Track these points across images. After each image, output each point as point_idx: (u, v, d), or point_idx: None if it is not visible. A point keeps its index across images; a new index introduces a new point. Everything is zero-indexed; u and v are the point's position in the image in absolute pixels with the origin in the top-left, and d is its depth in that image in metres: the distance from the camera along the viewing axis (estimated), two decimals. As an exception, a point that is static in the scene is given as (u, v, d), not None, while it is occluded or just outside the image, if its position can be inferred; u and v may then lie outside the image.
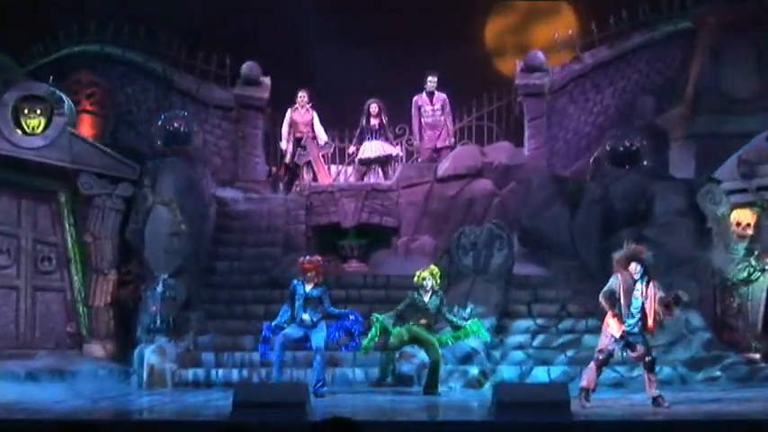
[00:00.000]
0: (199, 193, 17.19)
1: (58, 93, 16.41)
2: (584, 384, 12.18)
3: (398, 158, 19.58)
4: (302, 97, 19.28)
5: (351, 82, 19.29)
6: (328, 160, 19.82)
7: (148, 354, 14.83)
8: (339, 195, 18.60)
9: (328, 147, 19.57)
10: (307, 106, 19.32)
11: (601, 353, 12.23)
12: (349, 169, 19.78)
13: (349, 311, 13.94)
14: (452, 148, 19.39)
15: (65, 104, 16.31)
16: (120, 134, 18.87)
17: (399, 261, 17.44)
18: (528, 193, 17.95)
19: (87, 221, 16.34)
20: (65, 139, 16.14)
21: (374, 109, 19.15)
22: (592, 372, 12.23)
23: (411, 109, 19.41)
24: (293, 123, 19.31)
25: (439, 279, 14.03)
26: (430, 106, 19.35)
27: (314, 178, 19.15)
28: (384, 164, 19.26)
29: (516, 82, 19.84)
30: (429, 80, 19.30)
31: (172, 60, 19.90)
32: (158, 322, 15.15)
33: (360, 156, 19.25)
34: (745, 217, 16.23)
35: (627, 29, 19.82)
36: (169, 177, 16.44)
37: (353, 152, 19.46)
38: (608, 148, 17.79)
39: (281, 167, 19.83)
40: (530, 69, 19.68)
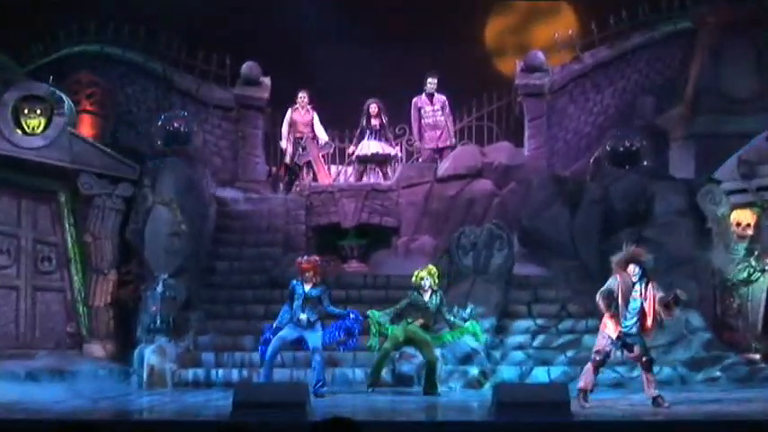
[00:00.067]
0: (199, 193, 17.19)
1: (58, 93, 16.41)
2: (581, 385, 12.19)
3: (397, 159, 19.56)
4: (302, 98, 19.27)
5: (351, 82, 19.28)
6: (328, 160, 19.82)
7: (148, 354, 14.83)
8: (339, 195, 18.59)
9: (328, 147, 19.56)
10: (307, 107, 19.31)
11: (598, 354, 12.24)
12: (349, 169, 19.76)
13: (349, 311, 13.93)
14: (453, 148, 19.40)
15: (65, 104, 16.31)
16: (120, 134, 18.87)
17: (399, 261, 17.43)
18: (528, 194, 17.95)
19: (87, 221, 16.34)
20: (65, 139, 16.14)
21: (374, 109, 19.14)
22: (589, 373, 12.24)
23: (411, 110, 19.41)
24: (293, 123, 19.31)
25: (437, 278, 14.03)
26: (430, 106, 19.34)
27: (314, 178, 19.15)
28: (382, 164, 19.26)
29: (516, 82, 19.83)
30: (429, 82, 19.29)
31: (172, 60, 19.90)
32: (158, 322, 15.15)
33: (357, 153, 19.24)
34: (745, 217, 16.23)
35: (627, 29, 19.82)
36: (169, 177, 16.44)
37: (353, 152, 19.46)
38: (608, 149, 17.79)
39: (281, 167, 19.83)
40: (530, 69, 19.68)
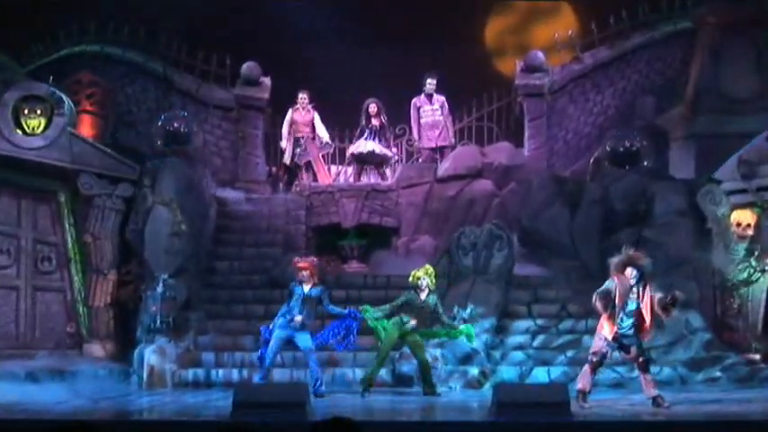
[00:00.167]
0: (199, 194, 17.19)
1: (58, 93, 16.41)
2: (579, 387, 12.21)
3: (393, 161, 19.50)
4: (303, 98, 19.27)
5: (351, 82, 19.28)
6: (328, 160, 19.82)
7: (148, 354, 14.83)
8: (339, 196, 18.60)
9: (328, 147, 19.55)
10: (308, 107, 19.31)
11: (594, 355, 12.27)
12: (349, 169, 19.75)
13: (349, 310, 13.95)
14: (453, 148, 19.40)
15: (65, 105, 16.30)
16: (120, 134, 18.86)
17: (399, 261, 17.42)
18: (528, 194, 17.94)
19: (87, 222, 16.34)
20: (65, 140, 16.14)
21: (373, 109, 19.12)
22: (587, 374, 12.27)
23: (410, 110, 19.40)
24: (294, 123, 19.31)
25: (434, 278, 14.00)
26: (429, 106, 19.34)
27: (314, 178, 19.14)
28: (379, 165, 19.23)
29: (516, 82, 19.83)
30: (428, 82, 19.29)
31: (172, 60, 19.90)
32: (158, 322, 15.15)
33: (353, 151, 19.23)
34: (745, 217, 16.23)
35: (627, 29, 19.82)
36: (169, 177, 16.43)
37: (350, 150, 19.43)
38: (608, 149, 17.79)
39: (281, 168, 19.83)
40: (530, 69, 19.67)
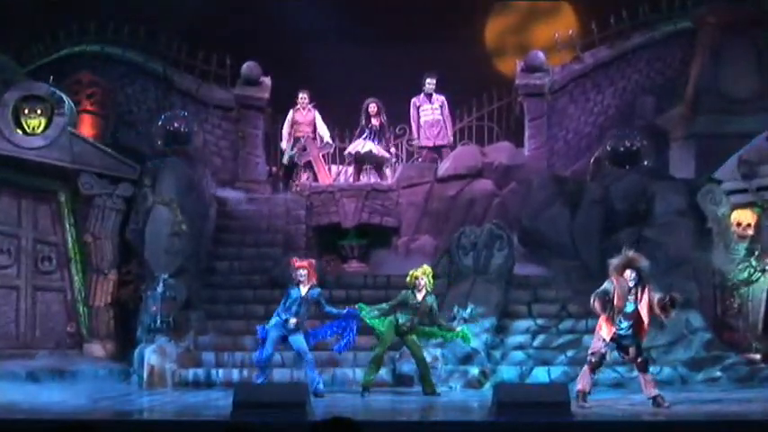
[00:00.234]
0: (199, 194, 17.19)
1: (59, 93, 16.41)
2: (579, 388, 12.22)
3: (391, 162, 19.48)
4: (303, 98, 19.27)
5: (351, 82, 19.27)
6: (328, 160, 19.81)
7: (149, 354, 14.82)
8: (339, 195, 18.58)
9: (328, 147, 19.54)
10: (308, 106, 19.30)
11: (593, 356, 12.29)
12: (349, 169, 19.74)
13: (347, 310, 13.97)
14: (452, 147, 19.40)
15: (65, 104, 16.30)
16: (120, 134, 18.86)
17: (399, 261, 17.41)
18: (528, 194, 17.93)
19: (87, 221, 16.35)
20: (65, 140, 16.15)
21: (373, 108, 19.10)
22: (586, 375, 12.29)
23: (410, 109, 19.40)
24: (295, 123, 19.30)
25: (431, 279, 14.00)
26: (429, 105, 19.34)
27: (314, 178, 19.13)
28: (378, 166, 19.21)
29: (516, 82, 19.82)
30: (427, 82, 19.28)
31: (172, 60, 19.89)
32: (158, 322, 15.14)
33: (350, 150, 19.21)
34: (745, 217, 16.23)
35: (627, 29, 19.81)
36: (169, 177, 16.43)
37: (348, 149, 19.41)
38: (608, 149, 17.78)
39: (280, 167, 19.83)
40: (530, 69, 19.67)
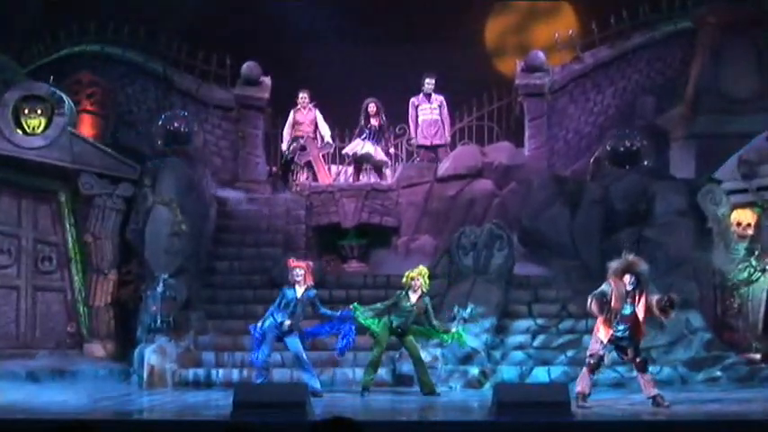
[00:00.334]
0: (199, 194, 17.18)
1: (59, 93, 16.41)
2: (578, 389, 12.22)
3: (388, 165, 19.47)
4: (303, 98, 19.26)
5: (351, 82, 19.27)
6: (328, 160, 19.81)
7: (149, 354, 14.82)
8: (339, 195, 18.58)
9: (328, 147, 19.54)
10: (309, 106, 19.29)
11: (591, 357, 12.31)
12: (349, 169, 19.75)
13: (340, 312, 14.03)
14: (450, 147, 19.40)
15: (65, 104, 16.31)
16: (120, 134, 18.86)
17: (399, 261, 17.40)
18: (528, 194, 17.93)
19: (88, 221, 16.35)
20: (65, 139, 16.15)
21: (372, 108, 19.08)
22: (585, 376, 12.30)
23: (409, 109, 19.40)
24: (296, 123, 19.29)
25: (427, 280, 14.01)
26: (428, 104, 19.32)
27: (314, 178, 19.13)
28: (378, 168, 19.20)
29: (517, 82, 19.81)
30: (426, 82, 19.25)
31: (172, 60, 19.88)
32: (158, 322, 15.14)
33: (347, 150, 19.21)
34: (745, 217, 16.23)
35: (627, 29, 19.80)
36: (169, 177, 16.43)
37: (346, 149, 19.41)
38: (608, 148, 17.77)
39: (280, 167, 19.83)
40: (530, 69, 19.66)
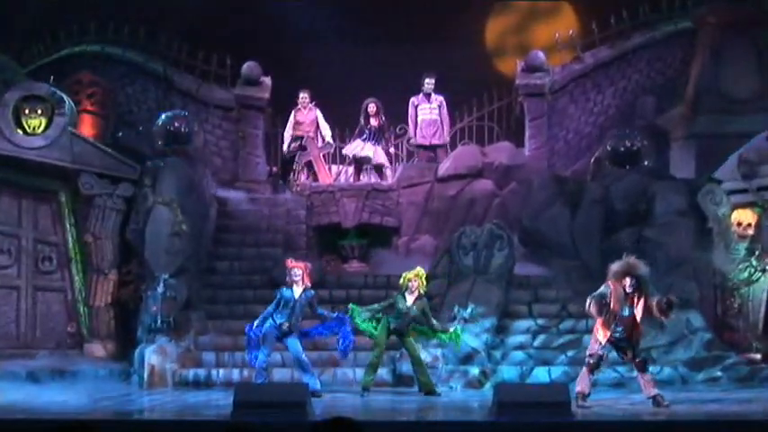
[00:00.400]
0: (199, 194, 17.18)
1: (59, 93, 16.41)
2: (578, 389, 12.24)
3: (388, 167, 19.47)
4: (304, 98, 19.25)
5: (351, 82, 19.27)
6: (329, 160, 19.80)
7: (149, 354, 14.82)
8: (340, 195, 18.57)
9: (329, 147, 19.53)
10: (309, 105, 19.28)
11: (591, 357, 12.33)
12: (350, 169, 19.74)
13: (337, 314, 14.04)
14: (449, 148, 19.40)
15: (65, 104, 16.31)
16: (120, 134, 18.86)
17: (400, 261, 17.39)
18: (528, 194, 17.93)
19: (88, 221, 16.35)
20: (65, 139, 16.15)
21: (372, 108, 19.07)
22: (585, 376, 12.32)
23: (409, 109, 19.40)
24: (297, 123, 19.28)
25: (424, 281, 14.02)
26: (427, 104, 19.31)
27: (314, 178, 19.13)
28: (378, 168, 19.20)
29: (517, 82, 19.80)
30: (426, 82, 19.24)
31: (172, 60, 19.87)
32: (159, 322, 15.14)
33: (347, 151, 19.20)
34: (745, 217, 16.24)
35: (627, 29, 19.79)
36: (170, 177, 16.42)
37: (346, 148, 19.40)
38: (609, 148, 17.76)
39: (281, 167, 19.83)
40: (530, 69, 19.65)
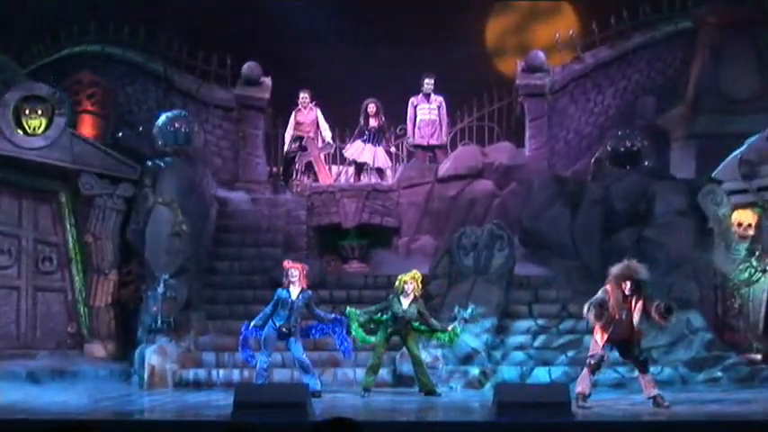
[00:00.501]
0: (200, 194, 17.18)
1: (59, 93, 16.41)
2: (579, 390, 12.24)
3: (388, 168, 19.48)
4: (304, 98, 19.24)
5: (351, 82, 19.27)
6: (329, 160, 19.80)
7: (149, 354, 14.82)
8: (340, 196, 18.57)
9: (329, 147, 19.53)
10: (309, 105, 19.28)
11: (592, 358, 12.35)
12: (350, 169, 19.74)
13: (334, 316, 14.05)
14: (448, 148, 19.39)
15: (65, 105, 16.30)
16: (120, 134, 18.85)
17: (400, 261, 17.40)
18: (529, 194, 17.93)
19: (88, 222, 16.35)
20: (66, 140, 16.15)
21: (372, 109, 19.06)
22: (585, 377, 12.33)
23: (408, 109, 19.39)
24: (297, 123, 19.28)
25: (420, 284, 14.03)
26: (427, 104, 19.31)
27: (315, 178, 19.13)
28: (379, 170, 19.20)
29: (517, 82, 19.80)
30: (426, 82, 19.23)
31: (172, 60, 19.87)
32: (159, 322, 15.15)
33: (347, 153, 19.21)
34: (746, 217, 16.24)
35: (628, 29, 19.79)
36: (170, 178, 16.42)
37: (346, 149, 19.39)
38: (609, 149, 17.77)
39: (281, 167, 19.83)
40: (530, 69, 19.64)
